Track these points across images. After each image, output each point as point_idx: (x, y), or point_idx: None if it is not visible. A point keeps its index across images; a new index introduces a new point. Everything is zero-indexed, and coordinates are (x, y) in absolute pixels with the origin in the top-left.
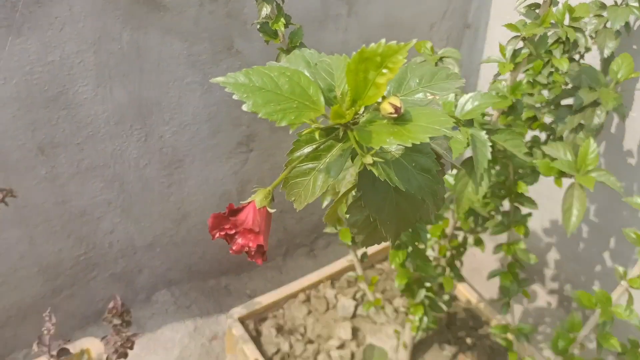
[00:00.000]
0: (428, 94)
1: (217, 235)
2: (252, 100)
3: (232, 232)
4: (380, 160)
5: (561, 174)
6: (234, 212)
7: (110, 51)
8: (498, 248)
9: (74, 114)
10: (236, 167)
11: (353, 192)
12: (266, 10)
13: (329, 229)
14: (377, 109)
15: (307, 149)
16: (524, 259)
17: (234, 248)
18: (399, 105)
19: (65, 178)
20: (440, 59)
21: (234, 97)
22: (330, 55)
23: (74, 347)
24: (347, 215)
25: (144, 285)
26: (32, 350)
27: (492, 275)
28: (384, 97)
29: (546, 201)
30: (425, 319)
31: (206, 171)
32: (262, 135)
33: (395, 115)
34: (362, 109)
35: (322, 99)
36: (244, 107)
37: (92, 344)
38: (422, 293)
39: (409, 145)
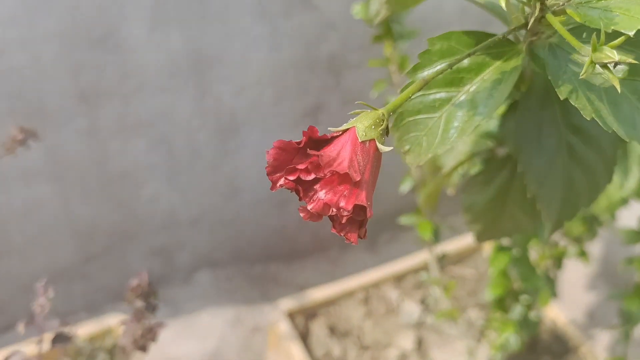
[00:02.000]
0: None
1: (282, 181)
2: None
3: (311, 177)
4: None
5: None
6: (318, 142)
7: None
8: (628, 261)
9: (122, 59)
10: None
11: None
12: None
13: (405, 219)
14: None
15: (441, 66)
16: None
17: (310, 207)
18: None
19: (107, 133)
20: None
21: None
22: None
23: (100, 323)
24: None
25: (185, 263)
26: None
27: (613, 296)
28: None
29: None
30: (513, 338)
31: (265, 143)
32: (331, 107)
33: None
34: None
35: None
36: None
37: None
38: (518, 308)
39: None
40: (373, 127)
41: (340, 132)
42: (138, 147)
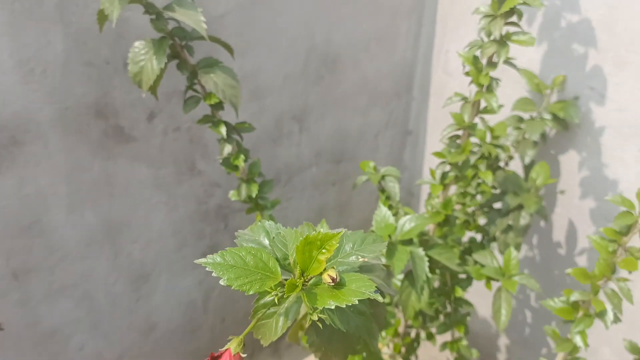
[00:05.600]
0: (359, 257)
1: None
2: (226, 275)
3: None
4: (322, 316)
5: (490, 279)
6: (215, 358)
7: (81, 181)
8: (443, 346)
9: (46, 240)
10: (201, 276)
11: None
12: (228, 148)
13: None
14: (320, 277)
15: (269, 298)
16: (467, 355)
17: None
18: (335, 276)
19: (37, 300)
20: (383, 177)
21: (213, 274)
22: (285, 229)
23: None
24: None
25: None
26: None
27: None
28: (324, 269)
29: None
30: None
31: (173, 283)
32: (224, 246)
33: (333, 284)
34: (310, 277)
35: (279, 269)
36: (221, 282)
37: None
38: None
39: (344, 306)
40: (237, 346)
41: (225, 350)
42: (64, 306)
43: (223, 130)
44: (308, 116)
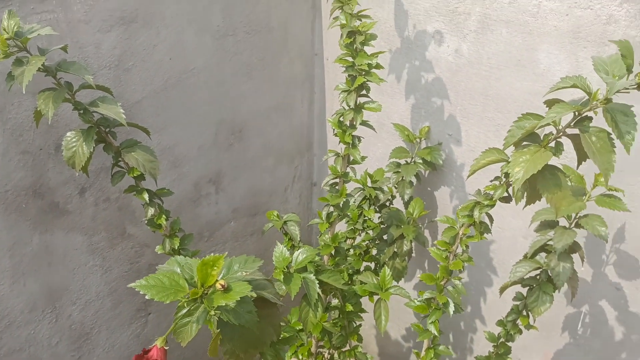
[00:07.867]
0: (244, 272)
1: None
2: (150, 292)
3: None
4: (217, 313)
5: (372, 293)
6: (147, 352)
7: (23, 253)
8: (344, 355)
9: None
10: (138, 330)
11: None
12: (151, 211)
13: None
14: (215, 287)
15: (185, 310)
16: (363, 359)
17: None
18: (224, 284)
19: None
20: (285, 222)
21: (140, 292)
22: (190, 259)
23: None
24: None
25: None
26: None
27: None
28: (217, 280)
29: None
30: None
31: (112, 338)
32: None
33: (223, 289)
34: (208, 288)
35: (187, 285)
36: (146, 297)
37: None
38: None
39: (233, 303)
40: (162, 341)
41: (154, 345)
42: None
43: (146, 196)
44: (223, 179)
